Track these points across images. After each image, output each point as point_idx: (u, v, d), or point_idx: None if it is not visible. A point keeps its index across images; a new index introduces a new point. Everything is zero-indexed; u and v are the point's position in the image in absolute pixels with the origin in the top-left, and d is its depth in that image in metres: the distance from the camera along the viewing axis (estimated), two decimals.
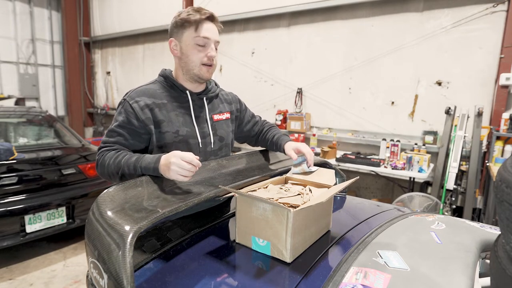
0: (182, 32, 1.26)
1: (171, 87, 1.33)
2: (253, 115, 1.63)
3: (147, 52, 6.75)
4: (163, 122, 1.26)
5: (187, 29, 1.24)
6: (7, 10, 6.93)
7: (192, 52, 1.26)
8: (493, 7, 3.38)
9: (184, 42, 1.26)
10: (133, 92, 1.28)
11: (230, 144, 1.49)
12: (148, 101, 1.25)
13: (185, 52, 1.27)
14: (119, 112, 1.26)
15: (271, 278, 0.88)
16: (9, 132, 3.48)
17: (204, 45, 1.26)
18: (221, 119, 1.43)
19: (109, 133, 1.26)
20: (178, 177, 1.06)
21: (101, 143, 1.26)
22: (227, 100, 1.50)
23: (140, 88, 1.30)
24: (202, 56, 1.26)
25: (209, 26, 1.26)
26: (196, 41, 1.24)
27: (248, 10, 5.02)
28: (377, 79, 4.15)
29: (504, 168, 0.68)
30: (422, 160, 3.40)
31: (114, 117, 1.28)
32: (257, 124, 1.61)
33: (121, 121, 1.24)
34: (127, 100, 1.25)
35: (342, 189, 1.13)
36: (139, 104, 1.24)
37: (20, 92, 7.16)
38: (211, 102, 1.41)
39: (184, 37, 1.26)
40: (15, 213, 2.77)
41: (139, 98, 1.25)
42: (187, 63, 1.28)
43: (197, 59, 1.27)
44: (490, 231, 1.13)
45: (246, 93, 4.99)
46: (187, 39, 1.25)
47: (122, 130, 1.24)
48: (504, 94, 3.35)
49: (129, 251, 0.76)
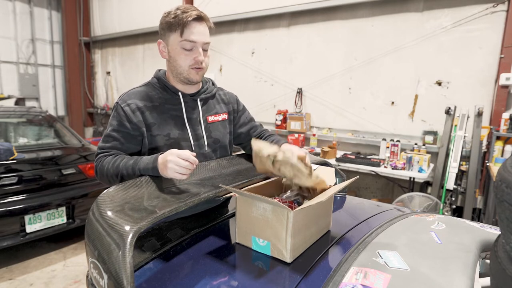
0: (168, 35, 1.22)
1: (164, 88, 1.31)
2: (252, 119, 1.55)
3: (147, 52, 6.75)
4: (154, 125, 1.25)
5: (173, 32, 1.20)
6: (7, 10, 6.92)
7: (180, 56, 1.22)
8: (493, 7, 3.38)
9: (170, 46, 1.23)
10: (125, 95, 1.27)
11: (228, 146, 1.45)
12: (140, 104, 1.24)
13: (173, 56, 1.24)
14: (112, 116, 1.26)
15: (271, 278, 0.88)
16: (9, 132, 3.48)
17: (191, 49, 1.21)
18: (216, 120, 1.39)
19: (105, 138, 1.25)
20: (176, 175, 1.06)
21: (98, 149, 1.26)
22: (224, 100, 1.46)
23: (132, 90, 1.29)
24: (190, 60, 1.22)
25: (196, 28, 1.19)
26: (182, 45, 1.20)
27: (248, 10, 5.02)
28: (377, 79, 4.15)
29: (504, 168, 0.68)
30: (422, 160, 3.40)
31: (109, 121, 1.27)
32: (255, 128, 1.52)
33: (115, 125, 1.24)
34: (120, 104, 1.25)
35: (341, 189, 1.13)
36: (130, 107, 1.23)
37: (20, 92, 7.16)
38: (206, 103, 1.38)
39: (170, 40, 1.22)
40: (15, 213, 2.77)
41: (131, 101, 1.24)
42: (175, 67, 1.25)
43: (185, 64, 1.23)
44: (490, 231, 1.13)
45: (246, 93, 5.00)
46: (173, 43, 1.22)
47: (117, 135, 1.23)
48: (504, 94, 3.35)
49: (129, 251, 0.76)
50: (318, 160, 1.60)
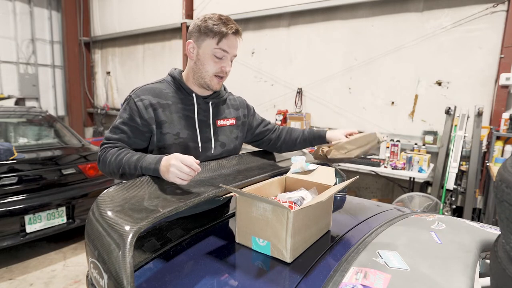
0: (203, 39, 1.24)
1: (178, 88, 1.32)
2: (263, 119, 1.63)
3: (147, 52, 6.74)
4: (165, 123, 1.25)
5: (209, 38, 1.22)
6: (7, 10, 6.93)
7: (209, 62, 1.25)
8: (493, 7, 3.38)
9: (202, 49, 1.25)
10: (139, 90, 1.27)
11: (234, 151, 1.46)
12: (153, 101, 1.25)
13: (201, 60, 1.26)
14: (123, 108, 1.26)
15: (271, 278, 0.88)
16: (9, 132, 3.48)
17: (222, 58, 1.25)
18: (224, 125, 1.41)
19: (113, 129, 1.26)
20: (177, 180, 1.06)
21: (104, 139, 1.26)
22: (234, 105, 1.48)
23: (147, 86, 1.29)
24: (217, 68, 1.26)
25: (231, 40, 1.24)
26: (215, 52, 1.23)
27: (248, 10, 5.02)
28: (377, 79, 4.15)
29: (504, 168, 0.68)
30: (422, 160, 3.40)
31: (119, 113, 1.28)
32: (268, 124, 1.61)
33: (125, 118, 1.24)
34: (133, 98, 1.25)
35: (341, 189, 1.13)
36: (143, 102, 1.24)
37: (20, 92, 7.16)
38: (217, 107, 1.40)
39: (204, 44, 1.24)
40: (15, 213, 2.77)
41: (144, 97, 1.25)
42: (200, 70, 1.27)
43: (211, 70, 1.26)
44: (490, 231, 1.13)
45: (246, 93, 4.96)
46: (206, 48, 1.24)
47: (125, 127, 1.24)
48: (504, 94, 3.35)
49: (129, 251, 0.76)
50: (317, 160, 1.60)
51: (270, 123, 1.63)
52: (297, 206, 1.00)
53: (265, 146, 1.63)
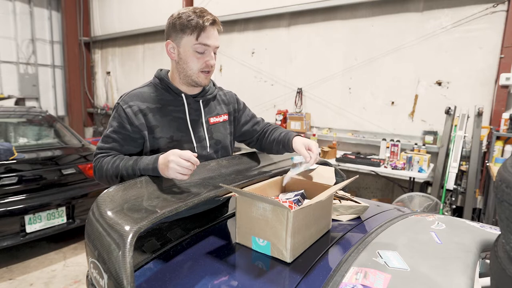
0: (181, 37, 1.19)
1: (166, 90, 1.29)
2: (254, 115, 1.55)
3: (147, 52, 6.75)
4: (157, 127, 1.24)
5: (187, 34, 1.18)
6: (7, 10, 6.93)
7: (191, 59, 1.21)
8: (493, 7, 3.38)
9: (182, 47, 1.21)
10: (127, 96, 1.25)
11: (229, 147, 1.45)
12: (142, 106, 1.23)
13: (184, 58, 1.22)
14: (113, 116, 1.24)
15: (271, 278, 0.88)
16: (9, 132, 3.48)
17: (204, 52, 1.20)
18: (217, 121, 1.39)
19: (104, 138, 1.24)
20: (177, 176, 1.06)
21: (96, 149, 1.25)
22: (224, 101, 1.45)
23: (134, 91, 1.27)
24: (201, 63, 1.22)
25: (210, 32, 1.19)
26: (196, 48, 1.19)
27: (248, 10, 5.02)
28: (377, 79, 4.15)
29: (504, 168, 0.68)
30: (422, 160, 3.40)
31: (109, 121, 1.26)
32: (258, 124, 1.53)
33: (115, 127, 1.22)
34: (121, 105, 1.23)
35: (341, 188, 1.13)
36: (132, 109, 1.21)
37: (20, 92, 7.16)
38: (207, 105, 1.37)
39: (183, 42, 1.20)
40: (15, 213, 2.77)
41: (133, 103, 1.22)
42: (185, 69, 1.24)
43: (196, 67, 1.22)
44: (490, 231, 1.13)
45: (246, 93, 5.00)
46: (186, 45, 1.20)
47: (116, 136, 1.22)
48: (504, 94, 3.35)
49: (129, 251, 0.76)
50: (318, 160, 1.60)
51: (260, 124, 1.54)
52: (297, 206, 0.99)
53: (254, 147, 1.56)
